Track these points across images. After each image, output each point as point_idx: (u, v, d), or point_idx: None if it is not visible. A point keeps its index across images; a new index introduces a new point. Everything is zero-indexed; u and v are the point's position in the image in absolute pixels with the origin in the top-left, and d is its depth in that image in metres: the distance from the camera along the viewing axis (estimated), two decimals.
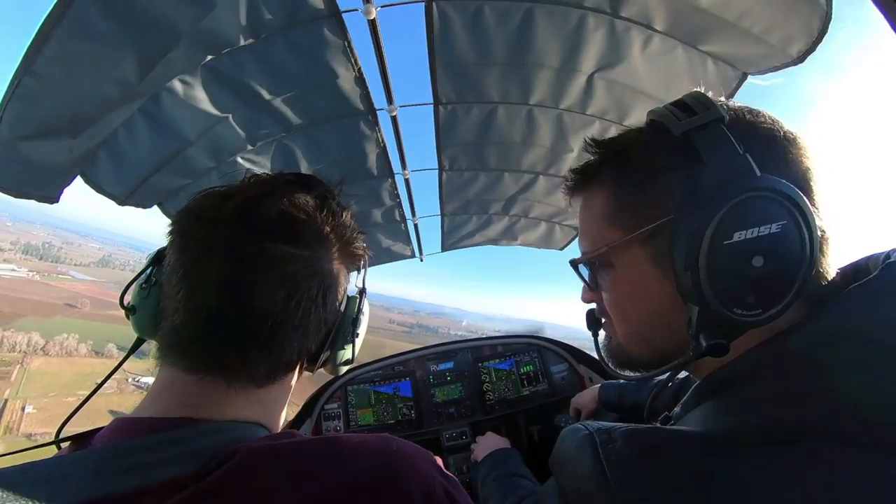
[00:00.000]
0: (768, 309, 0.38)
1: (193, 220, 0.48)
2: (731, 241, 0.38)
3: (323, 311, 0.51)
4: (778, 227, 0.38)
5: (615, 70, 1.32)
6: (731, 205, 0.38)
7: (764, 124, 0.43)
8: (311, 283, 0.49)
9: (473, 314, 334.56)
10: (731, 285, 0.39)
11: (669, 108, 0.44)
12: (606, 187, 0.49)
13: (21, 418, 55.23)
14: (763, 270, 0.38)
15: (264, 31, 1.15)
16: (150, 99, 1.13)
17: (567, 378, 1.92)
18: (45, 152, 0.90)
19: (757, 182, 0.38)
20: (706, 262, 0.39)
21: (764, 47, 1.00)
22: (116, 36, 0.85)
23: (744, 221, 0.38)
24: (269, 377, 0.50)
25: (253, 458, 0.41)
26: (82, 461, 0.39)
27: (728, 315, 0.39)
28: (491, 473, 1.00)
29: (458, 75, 1.45)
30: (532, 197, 2.19)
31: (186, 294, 0.45)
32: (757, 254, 0.38)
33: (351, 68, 1.34)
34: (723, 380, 0.42)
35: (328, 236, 0.52)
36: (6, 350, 74.56)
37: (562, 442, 0.44)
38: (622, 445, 0.37)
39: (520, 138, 1.77)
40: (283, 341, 0.48)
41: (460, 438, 1.78)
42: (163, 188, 1.40)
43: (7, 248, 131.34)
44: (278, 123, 1.50)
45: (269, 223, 0.47)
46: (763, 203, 0.38)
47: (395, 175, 2.00)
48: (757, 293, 0.38)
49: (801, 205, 0.38)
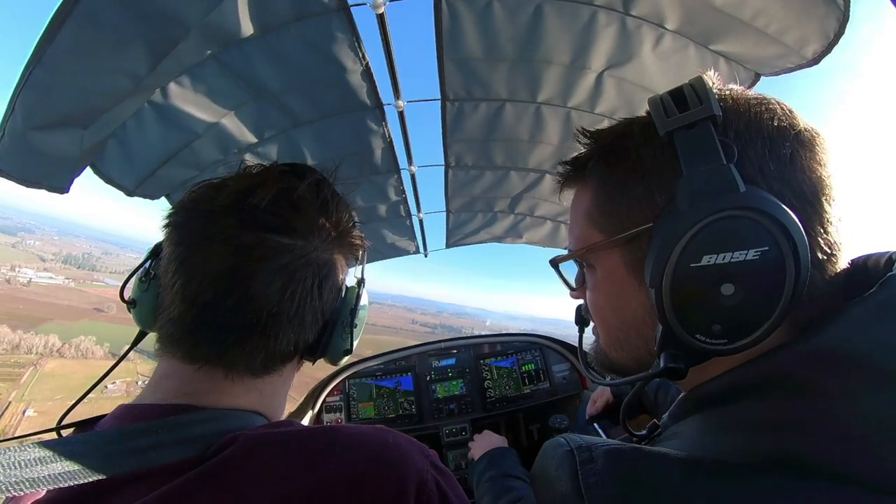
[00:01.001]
0: (736, 340, 0.35)
1: (188, 212, 0.48)
2: (698, 265, 0.34)
3: (319, 301, 0.51)
4: (756, 254, 0.33)
5: (625, 68, 1.30)
6: (704, 224, 0.34)
7: (772, 122, 0.37)
8: (305, 273, 0.49)
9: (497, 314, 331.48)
10: (694, 311, 0.35)
11: (664, 98, 0.40)
12: (591, 184, 0.46)
13: (20, 422, 56.04)
14: (733, 300, 0.34)
15: (273, 24, 1.14)
16: (160, 91, 1.14)
17: (569, 377, 1.93)
18: (55, 143, 0.91)
19: (738, 199, 0.33)
20: (670, 283, 0.35)
21: (778, 48, 0.98)
22: (126, 28, 0.85)
23: (715, 244, 0.34)
24: (267, 367, 0.50)
25: (251, 445, 0.42)
26: (84, 442, 0.40)
27: (690, 341, 0.36)
28: (486, 473, 1.01)
29: (466, 71, 1.44)
30: (538, 195, 2.17)
31: (182, 285, 0.45)
32: (727, 281, 0.34)
33: (359, 62, 1.34)
34: (707, 396, 0.40)
35: (323, 226, 0.52)
36: (23, 352, 76.42)
37: (542, 456, 0.41)
38: (602, 466, 0.35)
39: (527, 136, 1.75)
40: (278, 331, 0.48)
41: (460, 434, 1.80)
42: (170, 180, 1.41)
43: (49, 258, 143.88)
44: (285, 117, 1.50)
45: (261, 213, 0.47)
46: (741, 224, 0.33)
47: (401, 170, 2.00)
48: (724, 323, 0.35)
49: (791, 229, 0.32)
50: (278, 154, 1.63)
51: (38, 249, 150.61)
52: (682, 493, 0.32)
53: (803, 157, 0.36)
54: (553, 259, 0.51)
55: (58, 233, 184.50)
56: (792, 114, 0.38)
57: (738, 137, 0.36)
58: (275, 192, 0.48)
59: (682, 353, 0.37)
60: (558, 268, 0.52)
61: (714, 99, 0.37)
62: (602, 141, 0.46)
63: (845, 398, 0.31)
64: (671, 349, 0.37)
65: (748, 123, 0.37)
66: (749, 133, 0.36)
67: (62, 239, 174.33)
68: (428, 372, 1.96)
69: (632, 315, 0.43)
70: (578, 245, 0.47)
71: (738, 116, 0.37)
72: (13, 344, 77.48)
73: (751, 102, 0.38)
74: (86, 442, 0.40)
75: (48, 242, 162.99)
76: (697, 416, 0.40)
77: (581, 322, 0.57)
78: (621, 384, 0.45)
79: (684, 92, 0.39)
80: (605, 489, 0.33)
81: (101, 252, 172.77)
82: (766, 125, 0.37)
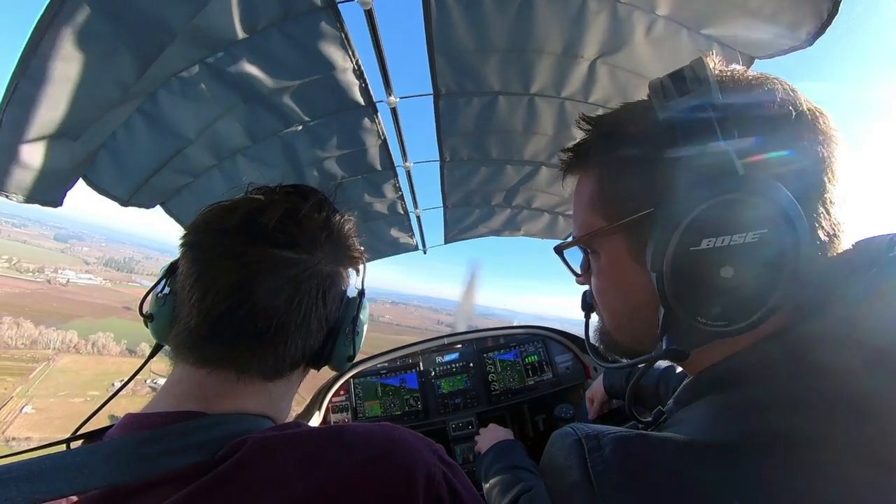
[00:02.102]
0: (737, 322, 0.36)
1: (202, 232, 0.52)
2: (698, 248, 0.35)
3: (323, 310, 0.55)
4: (755, 237, 0.34)
5: (618, 55, 1.29)
6: (703, 208, 0.34)
7: (773, 103, 0.37)
8: (310, 284, 0.52)
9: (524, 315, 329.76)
10: (695, 294, 0.36)
11: (665, 81, 0.40)
12: (593, 171, 0.46)
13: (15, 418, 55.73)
14: (733, 283, 0.35)
15: (260, 25, 1.13)
16: (148, 98, 1.12)
17: (572, 367, 1.94)
18: (46, 156, 0.90)
19: (735, 183, 0.34)
20: (671, 267, 0.36)
21: (771, 30, 0.97)
22: (110, 36, 0.84)
23: (714, 228, 0.34)
24: (277, 372, 0.53)
25: (261, 448, 0.43)
26: (95, 452, 0.41)
27: (691, 323, 0.37)
28: (494, 465, 1.02)
29: (457, 64, 1.42)
30: (534, 187, 2.17)
31: (199, 298, 0.49)
32: (727, 264, 0.34)
33: (349, 60, 1.32)
34: (712, 380, 0.41)
35: (325, 241, 0.55)
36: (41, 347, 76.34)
37: (551, 446, 0.42)
38: (610, 453, 0.35)
39: (521, 128, 1.74)
40: (286, 338, 0.51)
41: (466, 428, 1.81)
42: (165, 188, 1.40)
43: (92, 261, 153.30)
44: (277, 119, 1.48)
45: (270, 231, 0.50)
46: (739, 208, 0.34)
47: (396, 167, 1.99)
48: (724, 305, 0.36)
49: (790, 211, 0.33)
50: (272, 156, 1.61)
51: (84, 254, 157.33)
52: (689, 476, 0.33)
53: (805, 137, 0.36)
54: (557, 246, 0.52)
55: (106, 240, 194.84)
56: (794, 93, 0.37)
57: (738, 119, 0.36)
58: (282, 211, 0.52)
59: (684, 335, 0.38)
60: (563, 255, 0.52)
61: (713, 81, 0.37)
62: (603, 127, 0.45)
63: (846, 377, 0.32)
64: (674, 332, 0.38)
65: (748, 105, 0.37)
66: (749, 115, 0.36)
67: (109, 245, 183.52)
68: (432, 368, 1.97)
69: (635, 299, 0.43)
70: (582, 232, 0.47)
71: (738, 98, 0.37)
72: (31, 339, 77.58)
73: (752, 84, 0.38)
74: (94, 452, 0.41)
75: (95, 248, 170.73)
76: (702, 402, 0.41)
77: (587, 308, 0.57)
78: (626, 367, 0.47)
79: (685, 74, 0.39)
80: (614, 476, 0.34)
81: (143, 256, 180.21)
82: (767, 106, 0.37)
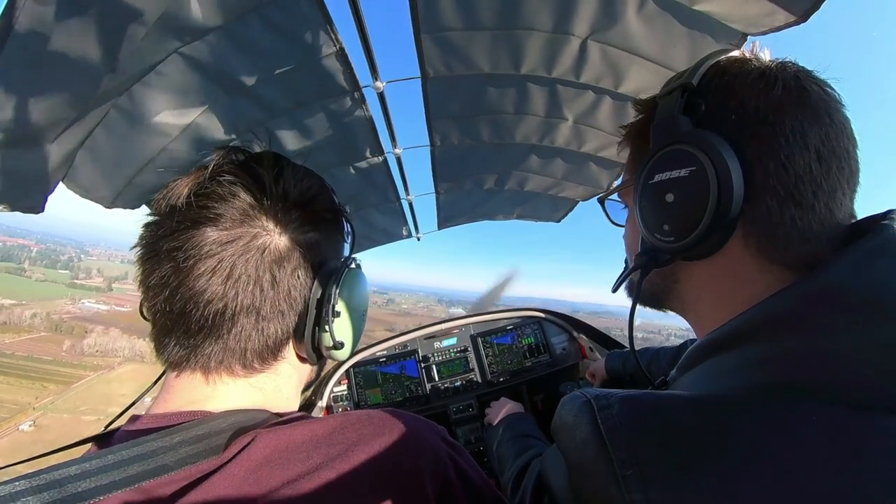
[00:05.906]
0: (681, 238, 0.45)
1: (142, 228, 0.49)
2: (652, 181, 0.47)
3: (273, 290, 0.48)
4: (686, 172, 0.44)
5: (609, 33, 1.26)
6: (657, 154, 0.47)
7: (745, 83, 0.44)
8: (245, 262, 0.46)
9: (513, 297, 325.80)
10: (652, 215, 0.48)
11: (673, 78, 0.50)
12: (633, 142, 0.57)
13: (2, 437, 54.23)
14: (674, 205, 0.45)
15: (236, 11, 1.07)
16: (126, 95, 1.07)
17: (568, 348, 1.98)
18: (22, 161, 0.86)
19: (679, 136, 0.45)
20: (639, 198, 0.50)
21: (765, 5, 0.95)
22: (76, 30, 0.79)
23: (662, 166, 0.46)
24: (245, 366, 0.49)
25: (268, 442, 0.43)
26: (104, 456, 0.41)
27: (652, 239, 0.48)
28: (506, 434, 1.06)
29: (444, 45, 1.38)
30: (527, 169, 2.15)
31: (145, 299, 0.48)
32: (669, 191, 0.46)
33: (332, 44, 1.27)
34: (712, 343, 0.43)
35: (272, 206, 0.49)
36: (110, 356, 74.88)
37: (561, 408, 0.45)
38: (618, 410, 0.38)
39: (512, 109, 1.71)
40: (231, 327, 0.46)
41: (467, 411, 1.86)
42: (149, 187, 1.36)
43: None
44: (261, 109, 1.43)
45: (190, 212, 0.46)
46: (678, 152, 0.45)
47: (385, 154, 1.95)
48: (670, 223, 0.46)
49: (717, 152, 0.41)
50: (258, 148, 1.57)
51: None
52: (692, 426, 0.35)
53: (774, 110, 0.41)
54: (600, 196, 0.65)
55: None
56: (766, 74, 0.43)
57: (715, 97, 0.45)
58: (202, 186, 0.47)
59: (651, 251, 0.50)
60: (604, 205, 0.64)
61: (699, 71, 0.47)
62: (642, 109, 0.56)
63: (841, 332, 0.35)
64: (644, 250, 0.51)
65: (723, 87, 0.45)
66: (723, 93, 0.45)
67: None
68: (431, 353, 1.99)
69: (636, 233, 0.53)
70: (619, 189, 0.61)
71: (718, 81, 0.46)
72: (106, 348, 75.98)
73: (732, 70, 0.46)
74: (104, 456, 0.41)
75: None
76: (704, 364, 0.44)
77: None
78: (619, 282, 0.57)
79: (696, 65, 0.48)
80: (624, 430, 0.37)
81: None
82: (740, 87, 0.44)
